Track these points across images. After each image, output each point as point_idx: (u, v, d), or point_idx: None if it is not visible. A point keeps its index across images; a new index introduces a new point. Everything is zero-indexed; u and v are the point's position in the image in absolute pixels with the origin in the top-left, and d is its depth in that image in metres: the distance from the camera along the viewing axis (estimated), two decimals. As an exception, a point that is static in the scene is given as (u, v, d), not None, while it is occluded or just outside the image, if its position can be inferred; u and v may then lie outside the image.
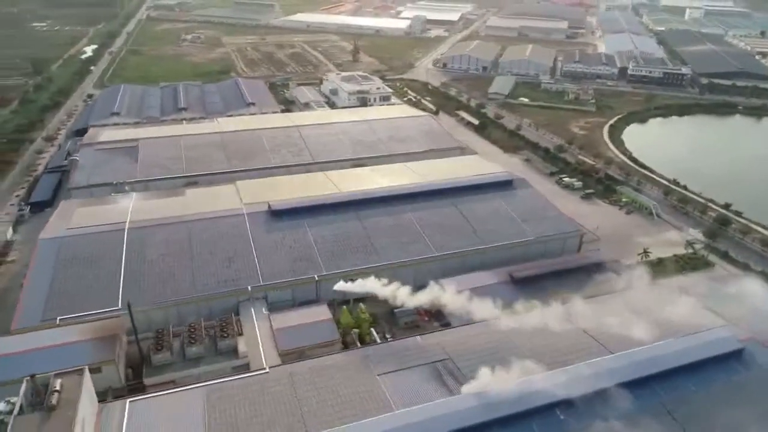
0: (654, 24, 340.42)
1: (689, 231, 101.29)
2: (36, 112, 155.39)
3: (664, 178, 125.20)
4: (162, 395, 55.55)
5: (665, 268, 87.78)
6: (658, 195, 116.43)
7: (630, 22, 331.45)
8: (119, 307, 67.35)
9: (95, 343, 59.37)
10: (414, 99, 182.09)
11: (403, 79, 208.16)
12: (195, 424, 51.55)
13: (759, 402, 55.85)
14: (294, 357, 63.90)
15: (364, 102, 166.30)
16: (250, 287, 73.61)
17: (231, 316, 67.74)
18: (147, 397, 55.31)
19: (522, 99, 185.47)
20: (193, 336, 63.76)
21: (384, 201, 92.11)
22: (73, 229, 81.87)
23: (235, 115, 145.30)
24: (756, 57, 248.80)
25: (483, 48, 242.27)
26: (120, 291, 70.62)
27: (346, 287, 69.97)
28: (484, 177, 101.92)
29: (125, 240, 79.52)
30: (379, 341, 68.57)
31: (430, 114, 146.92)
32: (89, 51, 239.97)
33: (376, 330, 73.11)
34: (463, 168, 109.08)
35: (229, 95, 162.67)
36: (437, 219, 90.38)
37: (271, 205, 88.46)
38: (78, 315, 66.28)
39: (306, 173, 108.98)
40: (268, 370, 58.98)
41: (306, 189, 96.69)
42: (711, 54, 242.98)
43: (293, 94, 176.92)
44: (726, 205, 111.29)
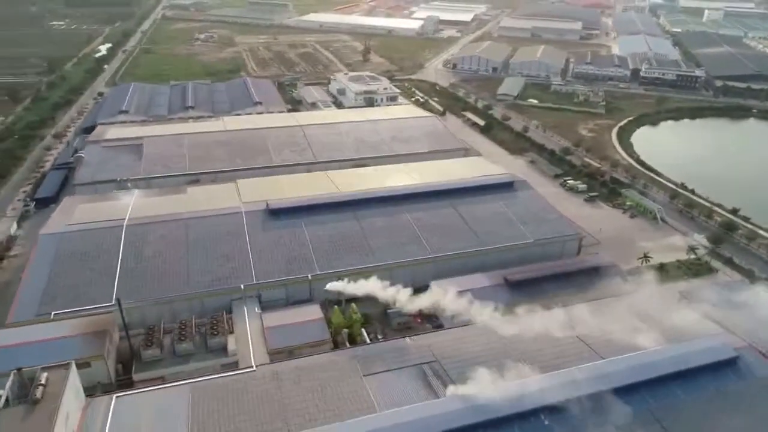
0: (671, 25, 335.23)
1: (693, 236, 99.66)
2: (47, 109, 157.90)
3: (671, 181, 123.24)
4: (148, 391, 56.12)
5: (666, 273, 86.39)
6: (663, 199, 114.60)
7: (646, 23, 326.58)
8: (113, 303, 68.06)
9: (85, 339, 60.08)
10: (421, 100, 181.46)
11: (412, 80, 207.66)
12: (178, 420, 51.91)
13: (750, 412, 54.60)
14: (284, 356, 64.07)
15: (370, 102, 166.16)
16: (243, 286, 73.93)
17: (222, 314, 68.17)
18: (133, 393, 55.85)
19: (531, 100, 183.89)
20: (183, 333, 64.29)
21: (382, 201, 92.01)
22: (73, 225, 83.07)
23: (242, 114, 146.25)
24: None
25: (494, 49, 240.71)
26: (115, 287, 71.42)
27: (337, 287, 70.01)
28: (484, 178, 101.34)
29: (123, 236, 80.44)
30: (369, 341, 68.46)
31: (435, 115, 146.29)
32: (103, 50, 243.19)
33: (368, 330, 73.20)
34: (465, 169, 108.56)
35: (237, 94, 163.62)
36: (435, 220, 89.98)
37: (269, 204, 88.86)
38: (72, 310, 67.21)
39: (308, 173, 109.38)
40: (254, 368, 59.22)
41: (306, 188, 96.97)
42: (727, 56, 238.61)
43: (301, 93, 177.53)
44: (733, 210, 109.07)
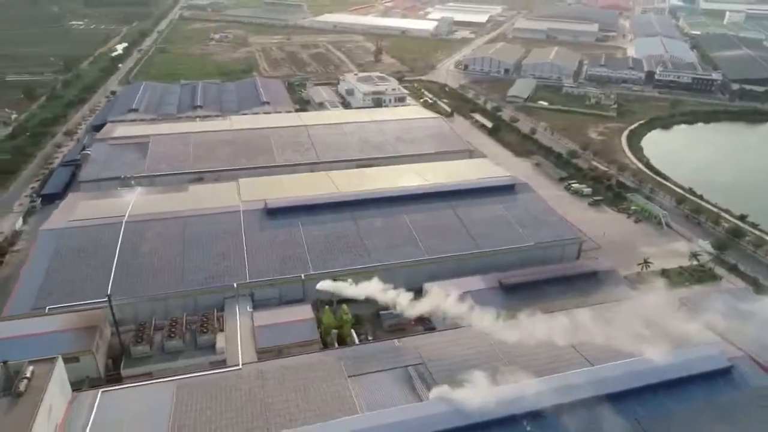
0: (690, 28, 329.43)
1: (698, 242, 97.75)
2: (61, 107, 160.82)
3: (679, 186, 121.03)
4: (134, 387, 56.69)
5: (667, 279, 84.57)
6: (670, 204, 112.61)
7: (664, 25, 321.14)
8: (106, 299, 68.87)
9: (74, 334, 60.86)
10: (430, 101, 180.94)
11: (422, 81, 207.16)
12: (161, 416, 52.25)
13: (741, 423, 53.35)
14: (272, 355, 64.17)
15: (379, 103, 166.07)
16: (236, 284, 74.23)
17: (213, 311, 68.60)
18: (119, 388, 56.52)
19: (541, 102, 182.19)
20: (173, 330, 64.81)
21: (380, 202, 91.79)
22: (74, 221, 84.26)
23: (249, 114, 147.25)
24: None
25: (506, 50, 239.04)
26: (110, 283, 72.26)
27: (328, 286, 69.80)
28: (485, 181, 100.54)
29: (121, 233, 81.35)
30: (358, 342, 68.29)
31: (441, 116, 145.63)
32: (120, 49, 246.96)
33: (359, 331, 73.04)
34: (468, 171, 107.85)
35: (246, 94, 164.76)
36: (433, 222, 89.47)
37: (267, 204, 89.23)
38: (67, 305, 68.08)
39: (309, 173, 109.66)
40: (240, 366, 59.45)
41: (307, 188, 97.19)
42: (746, 59, 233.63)
43: (309, 94, 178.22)
44: (741, 216, 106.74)
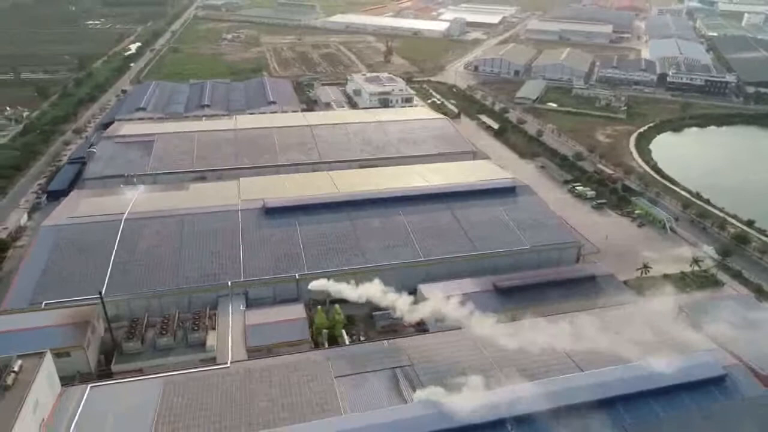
0: (708, 29, 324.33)
1: (702, 247, 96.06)
2: (72, 105, 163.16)
3: (686, 190, 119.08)
4: (122, 382, 57.27)
5: (667, 285, 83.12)
6: (676, 208, 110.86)
7: (680, 27, 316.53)
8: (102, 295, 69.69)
9: (66, 329, 61.58)
10: (438, 102, 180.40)
11: (431, 82, 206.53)
12: (147, 411, 52.59)
13: (731, 433, 52.29)
14: (262, 354, 64.31)
15: (385, 103, 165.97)
16: (230, 283, 74.64)
17: (205, 309, 68.98)
18: (108, 384, 57.05)
19: (550, 104, 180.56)
20: (165, 327, 65.31)
21: (379, 203, 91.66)
22: (75, 218, 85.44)
23: (256, 113, 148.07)
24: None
25: (517, 51, 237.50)
26: (106, 280, 73.13)
27: (320, 286, 69.76)
28: (485, 182, 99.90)
29: (120, 230, 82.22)
30: (348, 343, 68.22)
31: (446, 117, 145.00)
32: (133, 48, 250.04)
33: (352, 332, 72.98)
34: (470, 173, 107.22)
35: (253, 93, 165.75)
36: (430, 223, 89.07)
37: (266, 203, 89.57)
38: (63, 300, 68.96)
39: (310, 173, 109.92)
40: (228, 365, 59.72)
41: (307, 188, 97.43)
42: (762, 61, 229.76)
43: (317, 93, 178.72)
44: (749, 222, 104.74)
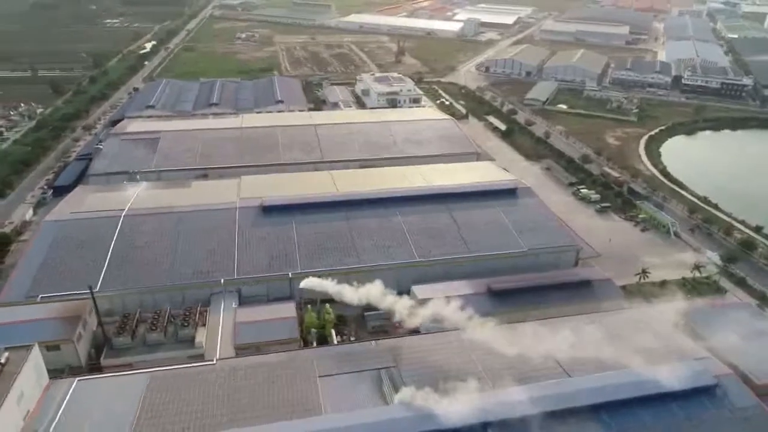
0: (728, 31, 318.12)
1: (706, 253, 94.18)
2: (85, 102, 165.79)
3: (694, 195, 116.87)
4: (109, 377, 58.00)
5: (667, 291, 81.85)
6: (682, 213, 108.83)
7: (699, 28, 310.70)
8: (97, 290, 70.47)
9: (57, 322, 62.44)
10: (447, 102, 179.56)
11: (441, 82, 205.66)
12: (130, 407, 53.06)
13: (717, 444, 51.06)
14: (250, 351, 64.59)
15: (393, 103, 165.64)
16: (222, 280, 75.09)
17: (196, 306, 69.40)
18: (95, 377, 57.87)
19: (560, 106, 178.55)
20: (155, 323, 65.89)
21: (376, 203, 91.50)
22: (76, 214, 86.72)
23: (263, 112, 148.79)
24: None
25: (530, 52, 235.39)
26: (102, 275, 74.07)
27: (310, 285, 69.77)
28: (486, 184, 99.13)
29: (119, 226, 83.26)
30: (336, 342, 68.14)
31: (451, 118, 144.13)
32: (148, 47, 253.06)
33: (344, 332, 72.96)
34: (472, 174, 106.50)
35: (262, 92, 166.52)
36: (427, 224, 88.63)
37: (263, 201, 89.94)
38: (58, 294, 70.03)
39: (312, 172, 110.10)
40: (214, 362, 60.04)
41: (307, 187, 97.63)
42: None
43: (325, 93, 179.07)
44: (757, 228, 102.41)
